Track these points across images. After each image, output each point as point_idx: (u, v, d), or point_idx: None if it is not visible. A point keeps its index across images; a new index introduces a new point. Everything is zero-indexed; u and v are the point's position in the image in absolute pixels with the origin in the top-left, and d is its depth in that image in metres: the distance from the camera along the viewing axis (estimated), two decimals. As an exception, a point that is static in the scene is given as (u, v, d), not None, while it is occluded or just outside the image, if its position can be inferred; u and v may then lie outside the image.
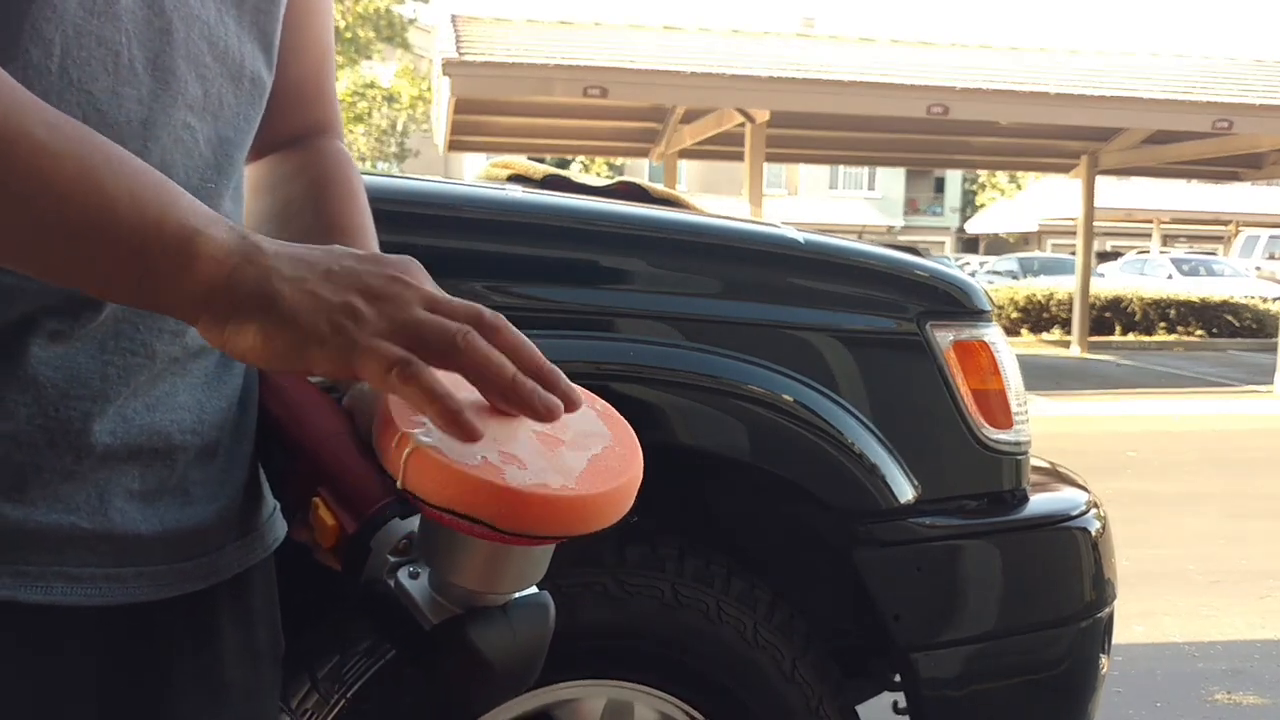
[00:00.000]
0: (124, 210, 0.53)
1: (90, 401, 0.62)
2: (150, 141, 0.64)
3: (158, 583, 0.66)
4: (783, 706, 1.42)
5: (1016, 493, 1.59)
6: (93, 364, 0.62)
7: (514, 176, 2.13)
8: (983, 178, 36.96)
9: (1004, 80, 10.15)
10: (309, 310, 0.55)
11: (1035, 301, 16.08)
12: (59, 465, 0.61)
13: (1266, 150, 12.24)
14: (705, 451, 1.42)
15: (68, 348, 0.62)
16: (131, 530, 0.65)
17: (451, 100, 9.71)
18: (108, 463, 0.63)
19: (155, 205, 0.54)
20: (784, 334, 1.46)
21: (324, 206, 0.79)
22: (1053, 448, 2.16)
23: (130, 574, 0.65)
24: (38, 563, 0.61)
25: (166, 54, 0.64)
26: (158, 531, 0.66)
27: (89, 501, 0.63)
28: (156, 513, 0.66)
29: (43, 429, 0.61)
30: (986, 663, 1.55)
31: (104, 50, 0.61)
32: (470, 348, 0.55)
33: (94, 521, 0.63)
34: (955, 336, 1.52)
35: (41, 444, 0.61)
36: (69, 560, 0.62)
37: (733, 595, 1.42)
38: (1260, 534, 4.88)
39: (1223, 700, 3.00)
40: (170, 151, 0.65)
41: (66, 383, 0.61)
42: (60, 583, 0.62)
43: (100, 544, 0.63)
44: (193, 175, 0.67)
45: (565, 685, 1.40)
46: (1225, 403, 9.58)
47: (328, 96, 0.84)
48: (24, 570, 0.60)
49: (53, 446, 0.61)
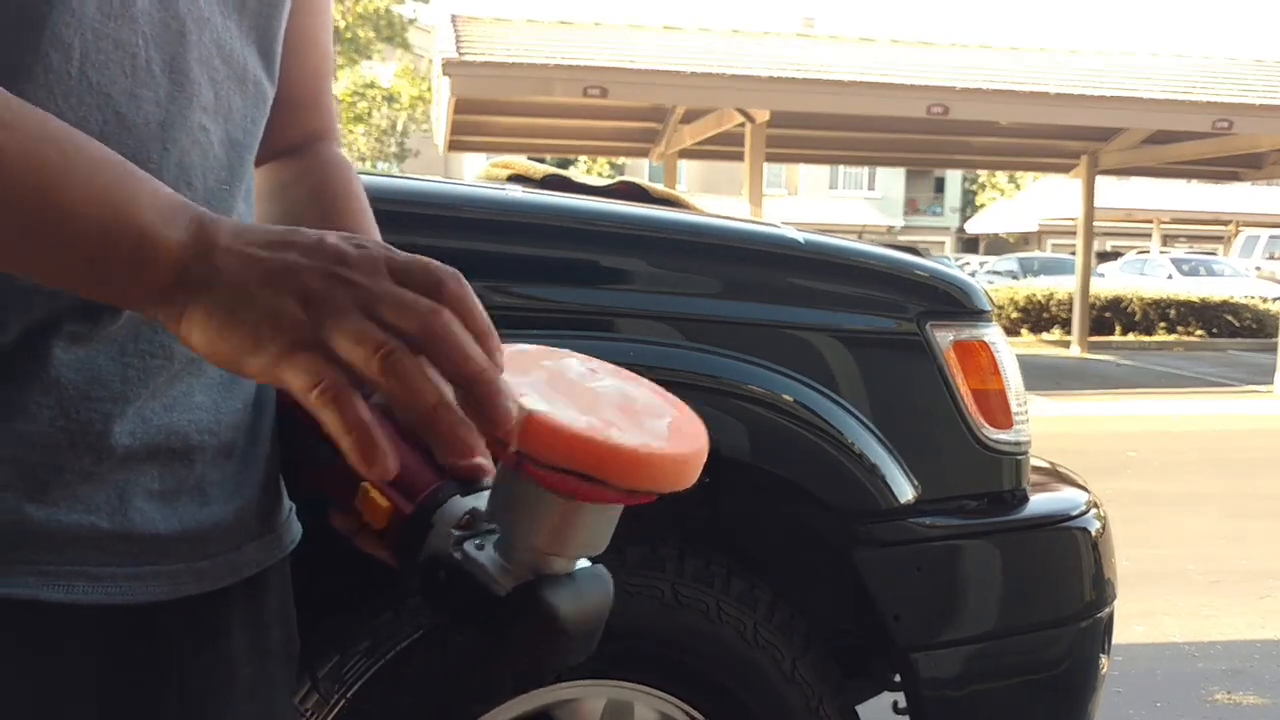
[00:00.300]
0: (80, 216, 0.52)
1: (110, 403, 0.63)
2: (169, 143, 0.65)
3: (175, 582, 0.66)
4: (783, 706, 1.42)
5: (1016, 493, 1.59)
6: (113, 366, 0.63)
7: (514, 176, 2.13)
8: (983, 178, 36.96)
9: (1004, 80, 10.15)
10: (241, 316, 0.52)
11: (1035, 301, 16.09)
12: (80, 466, 0.62)
13: (1266, 150, 12.24)
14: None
15: (88, 350, 0.62)
16: (150, 530, 0.65)
17: (451, 100, 9.72)
18: (127, 463, 0.64)
19: (111, 206, 0.53)
20: (784, 334, 1.46)
21: (328, 212, 0.80)
22: (1053, 448, 2.16)
23: (149, 573, 0.65)
24: (60, 562, 0.61)
25: (181, 56, 0.65)
26: (176, 531, 0.66)
27: (109, 502, 0.63)
28: (175, 512, 0.67)
29: (64, 430, 0.61)
30: (986, 663, 1.55)
31: (121, 53, 0.62)
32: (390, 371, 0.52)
33: (114, 521, 0.63)
34: (955, 336, 1.52)
35: (63, 445, 0.61)
36: (90, 560, 0.62)
37: (733, 595, 1.42)
38: (1260, 534, 4.89)
39: (1223, 700, 3.00)
40: (188, 153, 0.66)
41: (87, 384, 0.62)
42: (82, 582, 0.62)
43: (119, 544, 0.64)
44: (209, 177, 0.68)
45: (565, 685, 1.40)
46: (1225, 403, 9.59)
47: (325, 104, 0.85)
48: (46, 570, 0.61)
49: (74, 448, 0.61)
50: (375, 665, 1.32)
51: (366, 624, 1.36)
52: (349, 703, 1.31)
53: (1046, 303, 16.00)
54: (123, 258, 0.53)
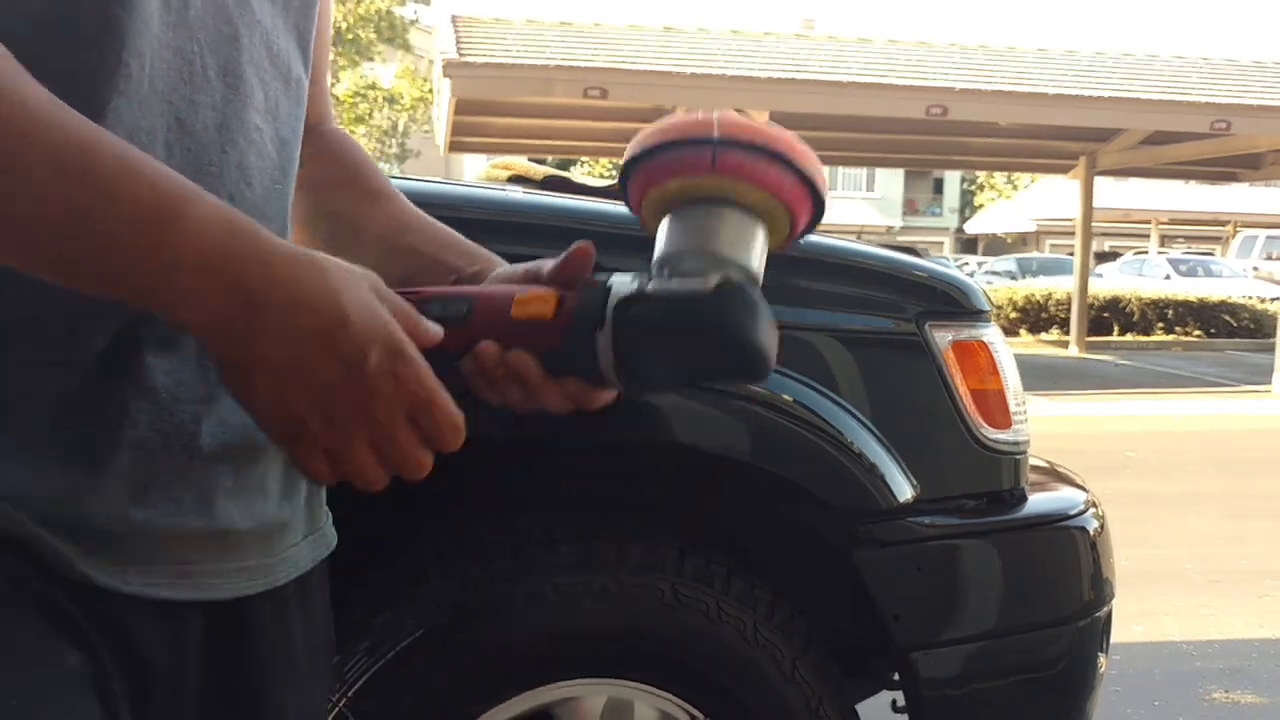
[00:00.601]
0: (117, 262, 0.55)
1: (197, 405, 0.65)
2: (228, 146, 0.67)
3: (253, 577, 0.69)
4: (782, 706, 1.43)
5: (1015, 492, 1.59)
6: (198, 369, 0.65)
7: (514, 177, 2.14)
8: (981, 178, 36.97)
9: (1002, 81, 10.16)
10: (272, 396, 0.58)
11: (1034, 302, 16.09)
12: (173, 468, 0.65)
13: (1264, 151, 12.25)
14: (705, 451, 1.42)
15: (177, 355, 0.64)
16: (232, 526, 0.68)
17: (452, 101, 9.72)
18: (210, 463, 0.66)
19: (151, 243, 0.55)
20: (783, 334, 1.45)
21: (351, 180, 0.84)
22: (1051, 447, 2.17)
23: (234, 569, 0.68)
24: (163, 561, 0.64)
25: (234, 60, 0.67)
26: (250, 527, 0.69)
27: (196, 501, 0.66)
28: (248, 509, 0.69)
29: (160, 434, 0.64)
30: (985, 662, 1.55)
31: (180, 60, 0.64)
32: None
33: (202, 520, 0.66)
34: (954, 336, 1.53)
35: (159, 449, 0.64)
36: (186, 558, 0.65)
37: (733, 595, 1.42)
38: (1259, 534, 4.89)
39: (1221, 699, 3.00)
40: (245, 154, 0.68)
41: (177, 388, 0.64)
42: (184, 579, 0.65)
43: (208, 542, 0.67)
44: (265, 177, 0.70)
45: (565, 684, 1.40)
46: (1224, 403, 9.59)
47: (324, 89, 0.88)
48: (151, 569, 0.64)
49: (168, 450, 0.64)
50: (375, 665, 1.33)
51: (366, 624, 1.37)
52: (349, 702, 1.31)
53: (1045, 303, 16.00)
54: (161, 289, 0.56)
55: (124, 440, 0.62)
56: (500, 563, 1.40)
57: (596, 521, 1.49)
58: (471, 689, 1.35)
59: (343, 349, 0.56)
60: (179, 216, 0.54)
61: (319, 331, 0.56)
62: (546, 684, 1.39)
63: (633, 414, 1.41)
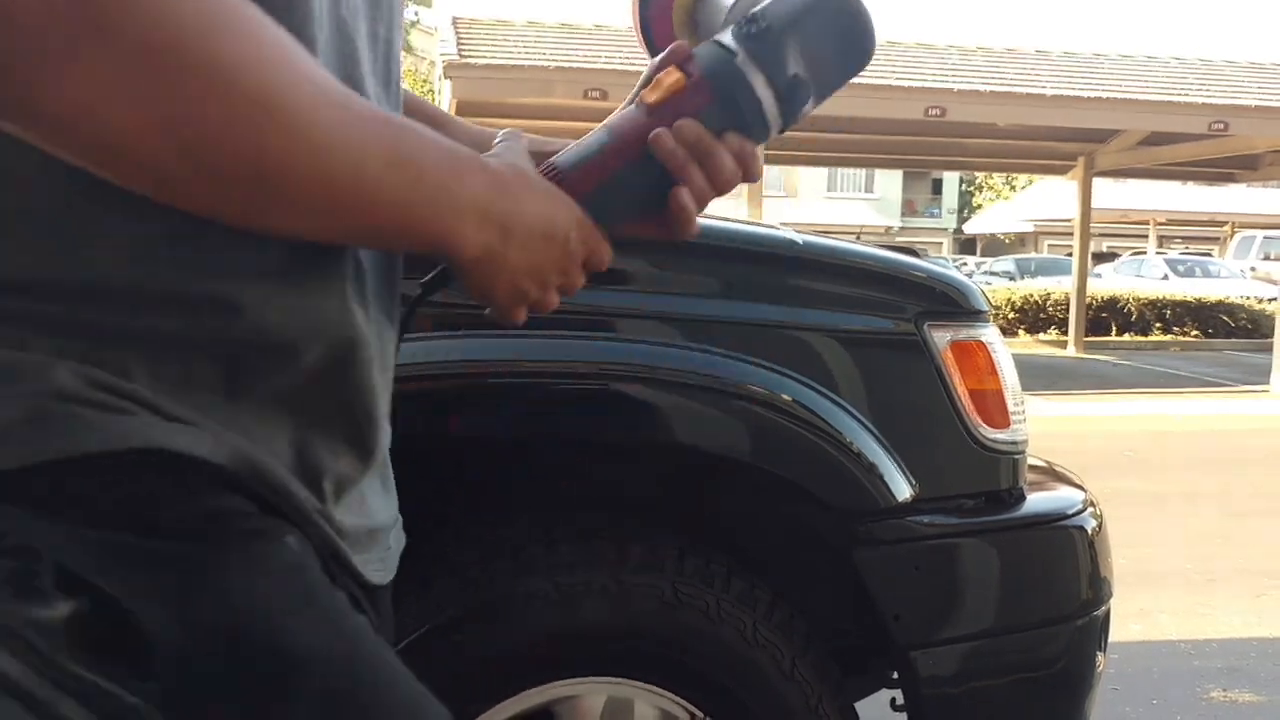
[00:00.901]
0: (387, 223, 0.63)
1: (376, 412, 0.73)
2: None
3: (387, 566, 0.79)
4: (782, 705, 1.43)
5: (1013, 492, 1.60)
6: (380, 379, 0.74)
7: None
8: (980, 179, 36.99)
9: (1001, 82, 10.17)
10: (509, 288, 0.70)
11: (1032, 302, 16.10)
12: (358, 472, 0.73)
13: (1262, 151, 12.26)
14: (705, 451, 1.43)
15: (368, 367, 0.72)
16: (379, 523, 0.77)
17: (453, 102, 9.71)
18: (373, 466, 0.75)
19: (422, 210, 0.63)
20: (783, 334, 1.47)
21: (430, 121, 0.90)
22: (1050, 447, 2.17)
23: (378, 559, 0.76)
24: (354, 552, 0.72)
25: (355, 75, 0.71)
26: (385, 523, 0.78)
27: (359, 501, 0.74)
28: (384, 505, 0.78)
29: (351, 441, 0.72)
30: (984, 660, 1.56)
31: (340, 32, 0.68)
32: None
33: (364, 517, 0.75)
34: (953, 337, 1.53)
35: (353, 455, 0.72)
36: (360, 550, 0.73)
37: (733, 595, 1.43)
38: (1257, 533, 4.90)
39: (1218, 698, 3.01)
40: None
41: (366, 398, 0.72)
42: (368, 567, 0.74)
43: (366, 536, 0.75)
44: None
45: (565, 683, 1.41)
46: (1222, 402, 9.60)
47: None
48: (361, 558, 0.73)
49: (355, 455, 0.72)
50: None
51: (368, 623, 1.37)
52: (352, 701, 1.31)
53: (1043, 303, 16.01)
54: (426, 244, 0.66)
55: (330, 450, 0.70)
56: (500, 563, 1.40)
57: (596, 521, 1.50)
58: (471, 688, 1.35)
59: (558, 238, 0.70)
60: (462, 177, 0.65)
61: (545, 235, 0.70)
62: (546, 683, 1.39)
63: (633, 414, 1.42)
